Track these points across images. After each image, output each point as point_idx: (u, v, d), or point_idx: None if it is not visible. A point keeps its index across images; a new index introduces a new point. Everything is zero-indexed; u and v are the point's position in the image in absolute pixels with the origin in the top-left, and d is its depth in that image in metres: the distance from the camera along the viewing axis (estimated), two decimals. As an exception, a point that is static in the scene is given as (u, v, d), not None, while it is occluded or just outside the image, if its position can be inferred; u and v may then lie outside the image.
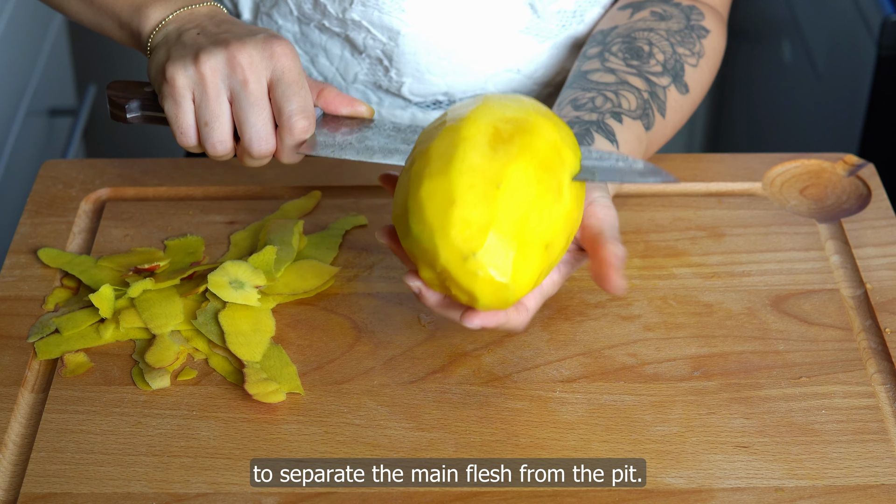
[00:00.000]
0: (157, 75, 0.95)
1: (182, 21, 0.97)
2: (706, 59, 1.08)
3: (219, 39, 0.94)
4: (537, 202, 0.84)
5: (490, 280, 0.83)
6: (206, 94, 0.93)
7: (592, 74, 1.03)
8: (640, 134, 1.00)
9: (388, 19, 1.09)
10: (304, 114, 0.94)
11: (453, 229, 0.83)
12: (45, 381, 0.95)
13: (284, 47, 0.94)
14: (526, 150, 0.84)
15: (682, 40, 1.07)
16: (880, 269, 1.03)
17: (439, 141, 0.85)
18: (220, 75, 0.93)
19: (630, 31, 1.07)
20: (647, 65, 1.04)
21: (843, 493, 0.86)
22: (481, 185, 0.83)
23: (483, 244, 0.82)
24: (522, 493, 0.86)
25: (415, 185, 0.84)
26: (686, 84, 1.05)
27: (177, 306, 0.98)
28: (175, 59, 0.94)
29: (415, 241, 0.84)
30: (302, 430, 0.90)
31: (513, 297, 0.84)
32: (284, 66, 0.93)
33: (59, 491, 0.86)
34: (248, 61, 0.93)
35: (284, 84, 0.93)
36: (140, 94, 0.99)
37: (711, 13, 1.11)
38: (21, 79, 1.82)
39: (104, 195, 1.11)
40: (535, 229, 0.84)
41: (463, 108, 0.87)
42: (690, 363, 0.95)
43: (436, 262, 0.84)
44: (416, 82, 1.14)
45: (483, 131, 0.84)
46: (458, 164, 0.83)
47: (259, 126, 0.94)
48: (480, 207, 0.83)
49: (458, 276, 0.83)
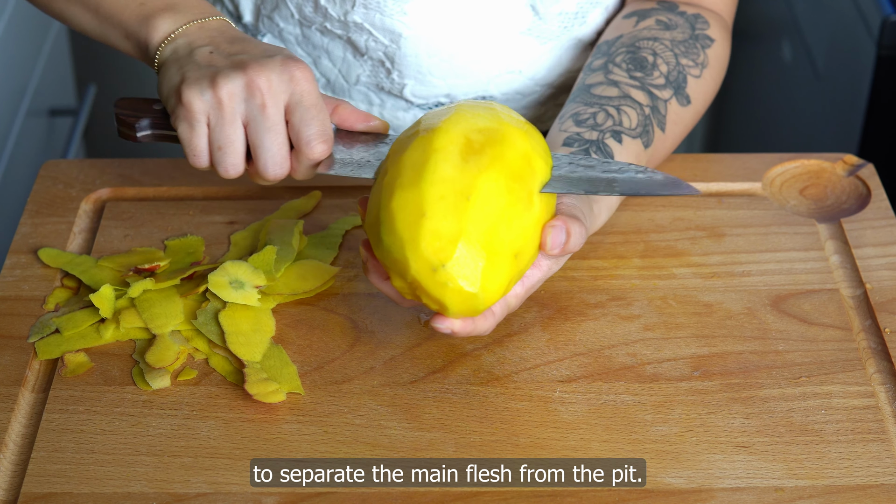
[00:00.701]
0: (170, 96, 0.94)
1: (192, 36, 0.96)
2: (710, 70, 1.08)
3: (236, 62, 0.92)
4: (507, 212, 0.86)
5: (459, 290, 0.85)
6: (223, 119, 0.92)
7: (595, 88, 1.03)
8: (638, 153, 1.01)
9: (389, 22, 1.10)
10: (323, 138, 0.93)
11: (423, 241, 0.84)
12: (45, 380, 0.95)
13: (303, 71, 0.92)
14: (496, 161, 0.86)
15: (686, 51, 1.07)
16: (880, 269, 1.03)
17: (411, 151, 0.86)
18: (238, 99, 0.91)
19: (634, 41, 1.07)
20: (651, 77, 1.04)
21: (843, 493, 0.86)
22: (451, 197, 0.84)
23: (452, 255, 0.84)
24: (522, 493, 0.86)
25: (386, 196, 0.86)
26: (688, 96, 1.05)
27: (177, 306, 0.98)
28: (191, 82, 0.92)
29: (386, 252, 0.86)
30: (302, 430, 0.90)
31: (482, 305, 0.87)
32: (304, 89, 0.92)
33: (59, 491, 0.86)
34: (267, 86, 0.91)
35: (303, 108, 0.92)
36: (150, 112, 0.97)
37: (716, 21, 1.11)
38: (21, 79, 1.82)
39: (104, 195, 1.11)
40: (505, 239, 0.86)
41: (436, 116, 0.88)
42: (690, 363, 0.95)
43: (406, 272, 0.86)
44: (419, 84, 1.14)
45: (455, 142, 0.86)
46: (429, 175, 0.85)
47: (275, 151, 0.93)
48: (450, 219, 0.84)
49: (428, 287, 0.86)
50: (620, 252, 1.04)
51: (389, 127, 0.97)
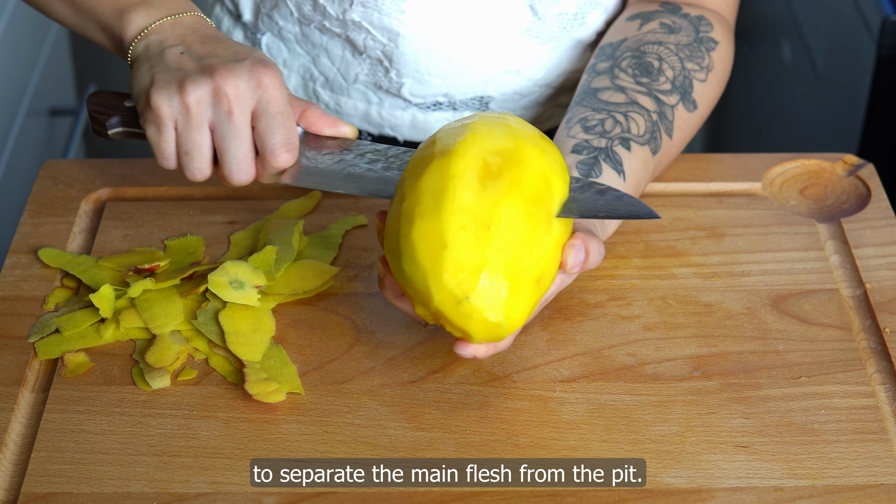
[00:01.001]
0: (140, 97, 0.94)
1: (165, 33, 0.95)
2: (715, 73, 1.08)
3: (205, 66, 0.92)
4: (528, 238, 0.86)
5: (484, 320, 0.86)
6: (189, 125, 0.92)
7: (602, 93, 1.03)
8: (647, 160, 1.01)
9: (387, 20, 1.09)
10: (287, 147, 0.93)
11: (446, 273, 0.84)
12: (45, 380, 0.95)
13: (272, 76, 0.92)
14: (515, 185, 0.86)
15: (692, 55, 1.07)
16: (880, 269, 1.03)
17: (429, 176, 0.86)
18: (205, 105, 0.91)
19: (639, 45, 1.07)
20: (657, 82, 1.04)
21: (843, 493, 0.86)
22: (472, 227, 0.84)
23: (476, 287, 0.85)
24: (522, 493, 0.86)
25: (406, 225, 0.86)
26: (694, 101, 1.05)
27: (177, 306, 0.98)
28: (160, 86, 0.92)
29: (408, 282, 0.87)
30: (302, 430, 0.90)
31: (506, 333, 0.87)
32: (271, 96, 0.92)
33: (59, 491, 0.86)
34: (234, 92, 0.91)
35: (269, 116, 0.92)
36: (121, 109, 0.97)
37: (720, 22, 1.11)
38: (21, 79, 1.82)
39: (104, 195, 1.11)
40: (527, 265, 0.86)
41: (451, 136, 0.88)
42: (690, 363, 0.95)
43: (430, 303, 0.86)
44: (417, 83, 1.14)
45: (472, 166, 0.85)
46: (449, 204, 0.84)
47: (240, 157, 0.93)
48: (472, 250, 0.84)
49: (452, 318, 0.86)
50: (620, 252, 1.04)
51: (358, 133, 0.96)
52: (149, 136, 0.93)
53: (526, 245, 0.85)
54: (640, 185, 1.01)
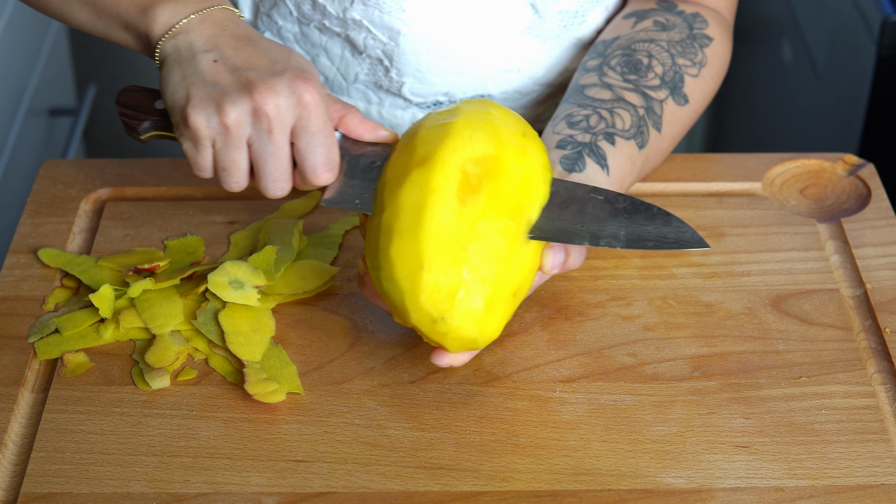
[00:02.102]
0: (175, 111, 0.91)
1: (194, 33, 0.93)
2: (708, 68, 1.08)
3: (242, 81, 0.89)
4: (505, 253, 0.87)
5: (459, 337, 0.87)
6: (228, 144, 0.90)
7: (589, 90, 1.03)
8: (632, 154, 1.01)
9: (388, 19, 1.09)
10: (328, 167, 0.91)
11: (423, 294, 0.86)
12: (45, 381, 0.95)
13: (312, 91, 0.89)
14: (494, 199, 0.86)
15: (683, 51, 1.07)
16: (880, 269, 1.03)
17: (409, 189, 0.86)
18: (244, 125, 0.89)
19: (630, 43, 1.07)
20: (645, 79, 1.04)
21: (843, 493, 0.86)
22: (450, 247, 0.85)
23: (452, 307, 0.86)
24: (522, 493, 0.86)
25: (385, 240, 0.87)
26: (685, 95, 1.05)
27: (177, 306, 0.98)
28: (196, 105, 0.89)
29: (386, 296, 0.88)
30: (302, 430, 0.90)
31: (481, 345, 0.89)
32: (311, 113, 0.89)
33: (59, 491, 0.86)
34: (275, 112, 0.89)
35: (309, 134, 0.90)
36: (152, 112, 0.95)
37: (716, 20, 1.10)
38: (21, 79, 1.82)
39: (104, 195, 1.11)
40: (503, 280, 0.87)
41: (432, 138, 0.87)
42: (690, 363, 0.95)
43: (406, 318, 0.88)
44: (417, 82, 1.14)
45: (451, 178, 0.86)
46: (427, 223, 0.85)
47: (277, 175, 0.91)
48: (449, 271, 0.85)
49: (428, 334, 0.88)
50: (620, 252, 1.04)
51: (397, 137, 0.94)
52: (185, 150, 0.91)
53: (503, 260, 0.86)
54: (625, 180, 1.01)
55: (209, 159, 0.91)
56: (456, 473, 0.87)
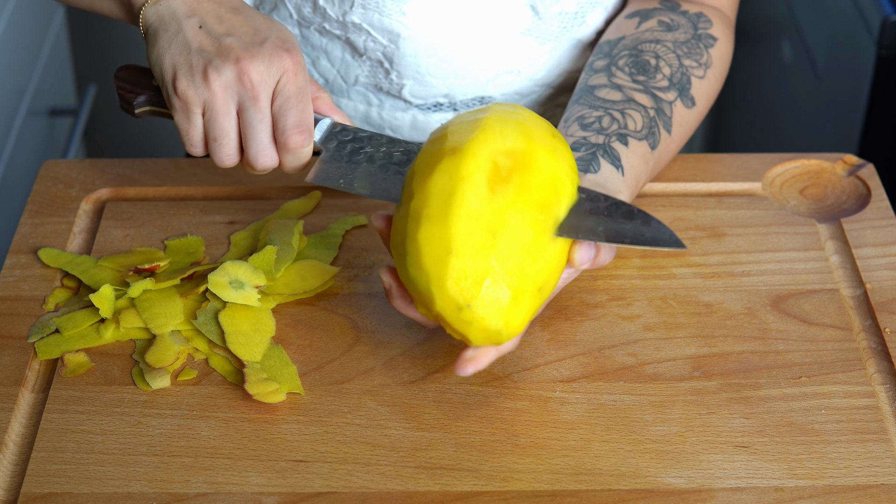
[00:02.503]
0: (164, 83, 0.93)
1: (176, 0, 0.94)
2: (713, 69, 1.08)
3: (225, 48, 0.92)
4: (532, 246, 0.86)
5: (484, 328, 0.86)
6: (216, 111, 0.92)
7: (599, 91, 1.03)
8: (645, 155, 1.01)
9: (388, 22, 1.09)
10: (299, 129, 0.93)
11: (449, 279, 0.85)
12: (45, 381, 0.95)
13: (293, 61, 0.92)
14: (523, 191, 0.86)
15: (689, 52, 1.07)
16: (880, 269, 1.03)
17: (439, 176, 0.86)
18: (231, 91, 0.91)
19: (637, 44, 1.07)
20: (654, 80, 1.04)
21: (843, 493, 0.86)
22: (478, 234, 0.85)
23: (478, 295, 0.85)
24: (522, 493, 0.86)
25: (413, 227, 0.86)
26: (692, 97, 1.05)
27: (177, 306, 0.98)
28: (183, 74, 0.91)
29: (411, 283, 0.87)
30: (302, 430, 0.90)
31: (505, 339, 0.87)
32: (288, 78, 0.92)
33: (59, 491, 0.86)
34: (259, 78, 0.91)
35: (283, 97, 0.92)
36: (148, 88, 0.98)
37: (719, 18, 1.10)
38: (21, 79, 1.82)
39: (104, 195, 1.11)
40: (530, 273, 0.86)
41: (463, 131, 0.87)
42: (690, 363, 0.95)
43: (431, 306, 0.86)
44: (417, 84, 1.14)
45: (482, 168, 0.85)
46: (457, 209, 0.84)
47: (265, 142, 0.93)
48: (477, 258, 0.85)
49: (453, 322, 0.86)
50: (621, 251, 1.04)
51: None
52: (177, 122, 0.93)
53: (530, 253, 0.86)
54: (639, 180, 1.01)
55: (200, 129, 0.93)
56: (456, 473, 0.87)
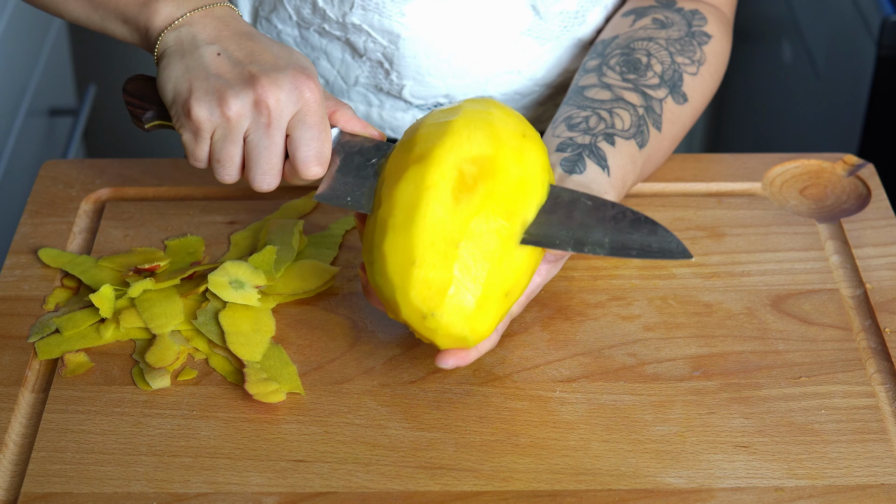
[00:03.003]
0: (177, 103, 0.92)
1: (196, 26, 0.93)
2: (707, 66, 1.08)
3: (245, 74, 0.90)
4: (497, 253, 0.87)
5: (449, 335, 0.87)
6: (226, 138, 0.91)
7: (589, 91, 1.04)
8: (633, 154, 1.01)
9: (388, 23, 1.09)
10: (319, 161, 0.92)
11: (412, 290, 0.86)
12: (45, 381, 0.95)
13: (312, 88, 0.91)
14: (488, 199, 0.86)
15: (682, 49, 1.07)
16: (880, 269, 1.03)
17: (404, 185, 0.87)
18: (245, 119, 0.90)
19: (629, 42, 1.07)
20: (644, 78, 1.04)
21: (843, 493, 0.86)
22: (441, 244, 0.85)
23: (442, 304, 0.86)
24: (522, 493, 0.86)
25: (379, 236, 0.87)
26: (684, 94, 1.05)
27: (177, 306, 0.98)
28: (199, 97, 0.90)
29: (378, 291, 0.88)
30: (302, 430, 0.90)
31: (472, 343, 0.88)
32: (310, 108, 0.91)
33: (59, 491, 0.86)
34: (276, 105, 0.90)
35: (305, 128, 0.91)
36: (157, 102, 0.96)
37: (715, 16, 1.10)
38: (21, 79, 1.82)
39: (104, 195, 1.11)
40: (495, 280, 0.87)
41: (431, 136, 0.87)
42: (690, 363, 0.95)
43: (398, 314, 0.88)
44: (417, 85, 1.14)
45: (447, 176, 0.86)
46: (420, 219, 0.85)
47: (267, 168, 0.92)
48: (440, 268, 0.85)
49: (419, 330, 0.88)
50: (620, 252, 1.03)
51: (385, 137, 0.95)
52: (184, 140, 0.92)
53: (495, 260, 0.86)
54: (626, 180, 1.01)
55: (206, 150, 0.92)
56: (456, 473, 0.87)
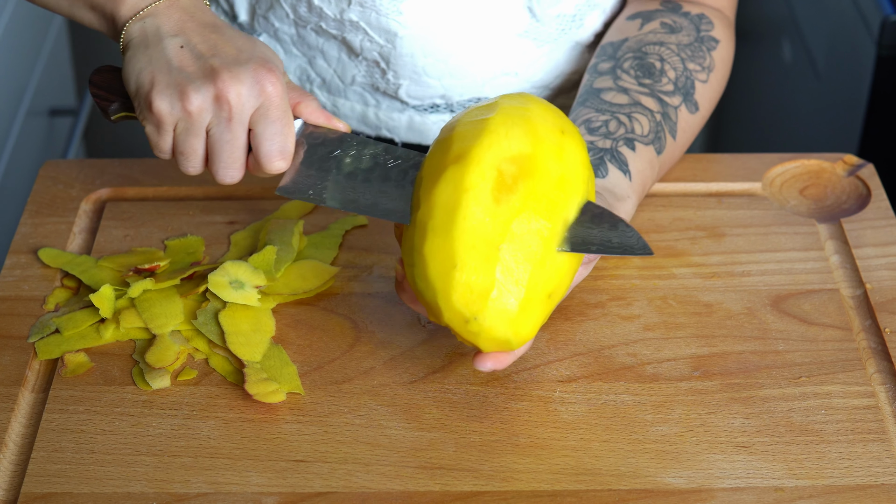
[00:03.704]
0: (139, 96, 0.92)
1: (161, 17, 0.93)
2: (716, 73, 1.08)
3: (206, 68, 0.90)
4: (540, 254, 0.85)
5: (492, 338, 0.86)
6: (188, 131, 0.91)
7: (605, 94, 1.03)
8: (651, 160, 1.01)
9: (385, 21, 1.09)
10: (282, 155, 0.92)
11: (455, 293, 0.84)
12: (45, 381, 0.95)
13: (274, 82, 0.90)
14: (529, 199, 0.85)
15: (693, 55, 1.07)
16: (880, 269, 1.03)
17: (443, 186, 0.85)
18: (206, 113, 0.90)
19: (640, 46, 1.07)
20: (660, 83, 1.04)
21: (843, 493, 0.86)
22: (483, 247, 0.84)
23: (485, 308, 0.85)
24: (522, 493, 0.86)
25: (419, 239, 0.85)
26: (696, 102, 1.05)
27: (177, 306, 0.98)
28: (161, 90, 0.90)
29: (420, 294, 0.87)
30: (302, 430, 0.90)
31: (516, 346, 0.87)
32: (272, 102, 0.91)
33: (59, 491, 0.86)
34: (237, 100, 0.90)
35: (268, 122, 0.91)
36: (122, 94, 0.95)
37: (720, 19, 1.10)
38: (21, 79, 1.82)
39: (104, 195, 1.11)
40: (538, 281, 0.85)
41: (469, 135, 0.86)
42: (690, 363, 0.95)
43: (440, 318, 0.86)
44: (414, 85, 1.14)
45: (486, 177, 0.84)
46: (461, 222, 0.84)
47: (230, 161, 0.92)
48: (481, 271, 0.84)
49: (461, 334, 0.86)
50: (620, 252, 1.04)
51: (350, 129, 0.95)
52: (148, 133, 0.93)
53: (537, 261, 0.85)
54: (646, 185, 1.01)
55: (169, 142, 0.93)
56: (456, 473, 0.87)
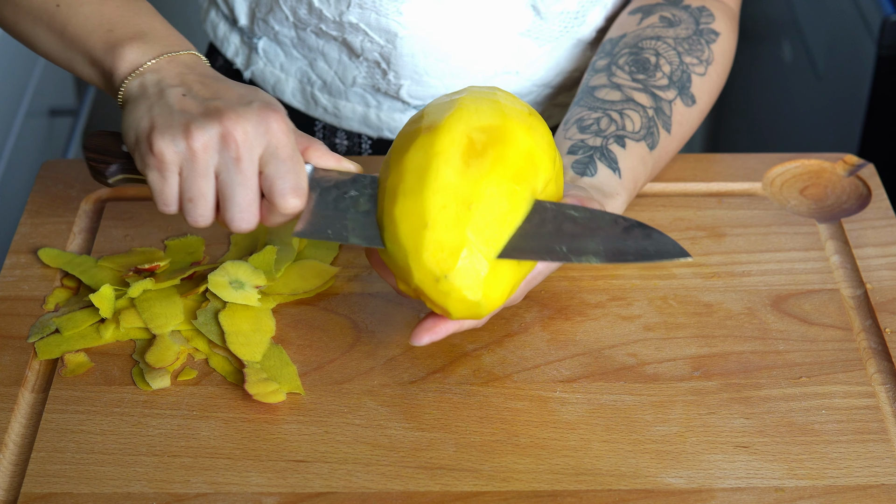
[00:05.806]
0: (140, 141, 0.88)
1: (162, 72, 0.91)
2: (715, 66, 1.08)
3: (210, 109, 0.88)
4: (509, 216, 0.86)
5: (462, 299, 0.86)
6: (195, 171, 0.87)
7: (599, 91, 1.03)
8: (644, 156, 1.01)
9: (385, 22, 1.09)
10: (296, 192, 0.88)
11: (425, 252, 0.85)
12: (45, 381, 0.95)
13: (279, 121, 0.88)
14: (498, 163, 0.86)
15: (690, 48, 1.07)
16: (880, 269, 1.03)
17: (414, 153, 0.86)
18: (212, 151, 0.87)
19: (637, 41, 1.07)
20: (653, 78, 1.04)
21: (843, 493, 0.86)
22: (453, 206, 0.85)
23: (455, 266, 0.85)
24: (522, 493, 0.86)
25: (389, 202, 0.86)
26: (692, 95, 1.05)
27: (177, 306, 0.98)
28: (162, 131, 0.87)
29: (390, 258, 0.87)
30: (302, 430, 0.90)
31: (485, 311, 0.87)
32: (280, 141, 0.88)
33: (59, 491, 0.86)
34: (243, 137, 0.86)
35: (278, 161, 0.87)
36: (118, 155, 0.92)
37: (722, 12, 1.10)
38: (21, 79, 1.82)
39: (104, 195, 1.11)
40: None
41: (439, 111, 0.88)
42: (690, 363, 0.95)
43: (410, 280, 0.86)
44: (415, 85, 1.14)
45: (456, 143, 0.86)
46: (431, 183, 0.85)
47: (244, 205, 0.88)
48: (452, 229, 0.85)
49: (431, 295, 0.86)
50: (620, 252, 1.04)
51: (362, 169, 0.92)
52: (150, 181, 0.89)
53: (508, 224, 0.86)
54: (637, 181, 1.01)
55: (175, 189, 0.88)
56: (456, 473, 0.87)
